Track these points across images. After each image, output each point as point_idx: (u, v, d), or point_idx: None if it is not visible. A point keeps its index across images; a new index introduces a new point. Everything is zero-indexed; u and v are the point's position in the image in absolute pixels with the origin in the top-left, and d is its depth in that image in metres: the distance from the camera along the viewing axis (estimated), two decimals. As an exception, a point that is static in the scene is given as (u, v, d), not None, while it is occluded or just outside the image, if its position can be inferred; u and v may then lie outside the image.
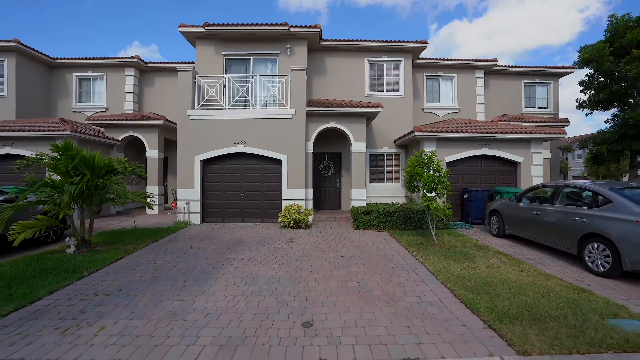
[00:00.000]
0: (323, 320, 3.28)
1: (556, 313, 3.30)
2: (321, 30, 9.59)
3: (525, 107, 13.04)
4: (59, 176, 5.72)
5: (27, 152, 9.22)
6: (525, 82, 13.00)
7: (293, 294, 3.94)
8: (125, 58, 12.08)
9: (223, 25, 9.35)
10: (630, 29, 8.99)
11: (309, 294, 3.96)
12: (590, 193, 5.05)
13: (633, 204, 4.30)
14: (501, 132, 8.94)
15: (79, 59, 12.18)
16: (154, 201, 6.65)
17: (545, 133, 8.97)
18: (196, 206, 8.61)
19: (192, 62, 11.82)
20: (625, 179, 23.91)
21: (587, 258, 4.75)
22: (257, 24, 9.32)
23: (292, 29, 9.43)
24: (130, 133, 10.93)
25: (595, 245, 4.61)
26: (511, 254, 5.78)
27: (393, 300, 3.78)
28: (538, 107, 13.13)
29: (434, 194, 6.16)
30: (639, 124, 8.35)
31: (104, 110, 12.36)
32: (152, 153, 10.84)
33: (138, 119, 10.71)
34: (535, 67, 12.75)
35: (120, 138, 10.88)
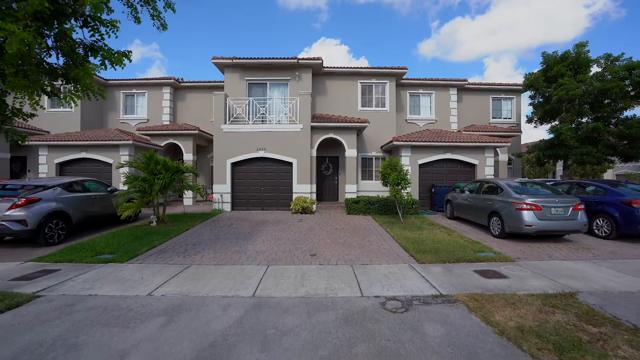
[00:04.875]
0: (321, 253, 6.00)
1: (449, 249, 5.99)
2: (322, 61, 12.30)
3: (493, 118, 15.66)
4: (144, 174, 8.49)
5: (97, 156, 12.05)
6: (492, 97, 15.63)
7: (304, 244, 6.67)
8: (163, 78, 14.89)
9: (246, 58, 12.10)
10: (557, 63, 11.61)
11: (313, 244, 6.68)
12: (495, 185, 7.72)
13: (512, 191, 6.98)
14: (461, 141, 11.60)
15: (126, 79, 15.01)
16: (206, 193, 9.39)
17: (494, 142, 11.61)
18: (227, 197, 11.37)
19: (219, 82, 14.59)
20: (608, 176, 27.27)
21: (491, 227, 7.43)
22: (273, 58, 12.06)
23: (300, 61, 12.15)
24: (170, 140, 13.71)
25: (495, 219, 7.29)
26: (451, 227, 8.47)
27: (363, 247, 6.49)
28: (504, 118, 15.75)
29: (399, 187, 8.85)
30: (560, 135, 10.94)
31: (145, 121, 15.18)
32: (188, 156, 13.60)
33: (177, 130, 13.50)
34: (500, 84, 15.37)
35: (162, 144, 13.67)
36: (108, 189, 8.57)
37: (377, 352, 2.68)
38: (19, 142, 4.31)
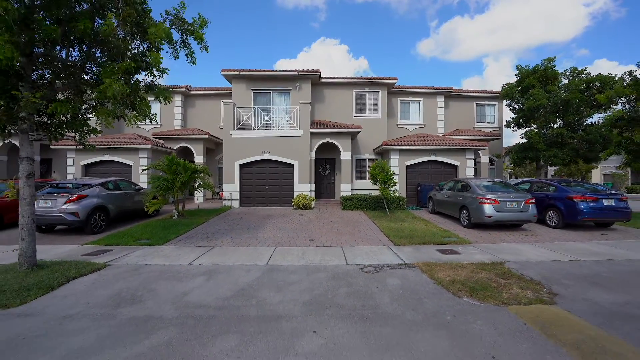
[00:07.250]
0: (318, 239, 7.38)
1: (422, 236, 7.37)
2: (320, 73, 13.69)
3: (477, 123, 17.06)
4: (165, 173, 9.87)
5: (119, 158, 13.44)
6: (477, 103, 17.02)
7: (304, 232, 8.06)
8: (175, 87, 16.26)
9: (252, 70, 13.50)
10: (528, 75, 13.01)
11: (312, 232, 8.07)
12: (465, 184, 9.12)
13: (477, 189, 8.38)
14: (444, 145, 12.99)
15: (141, 88, 16.39)
16: (216, 191, 10.78)
17: (473, 146, 13.01)
18: (236, 195, 12.76)
19: (224, 90, 15.98)
20: (595, 176, 29.16)
21: (461, 219, 8.82)
22: (276, 70, 13.47)
23: (300, 73, 13.54)
24: (183, 144, 15.10)
25: (464, 212, 8.68)
26: (430, 220, 9.86)
27: (353, 234, 7.88)
28: (487, 123, 17.14)
29: (386, 185, 10.25)
30: (530, 139, 12.35)
31: (159, 126, 16.55)
32: (199, 158, 14.97)
33: (189, 134, 14.89)
34: (484, 91, 16.77)
35: (175, 147, 15.05)
36: (136, 187, 9.96)
37: (352, 292, 4.08)
38: (89, 148, 5.74)
